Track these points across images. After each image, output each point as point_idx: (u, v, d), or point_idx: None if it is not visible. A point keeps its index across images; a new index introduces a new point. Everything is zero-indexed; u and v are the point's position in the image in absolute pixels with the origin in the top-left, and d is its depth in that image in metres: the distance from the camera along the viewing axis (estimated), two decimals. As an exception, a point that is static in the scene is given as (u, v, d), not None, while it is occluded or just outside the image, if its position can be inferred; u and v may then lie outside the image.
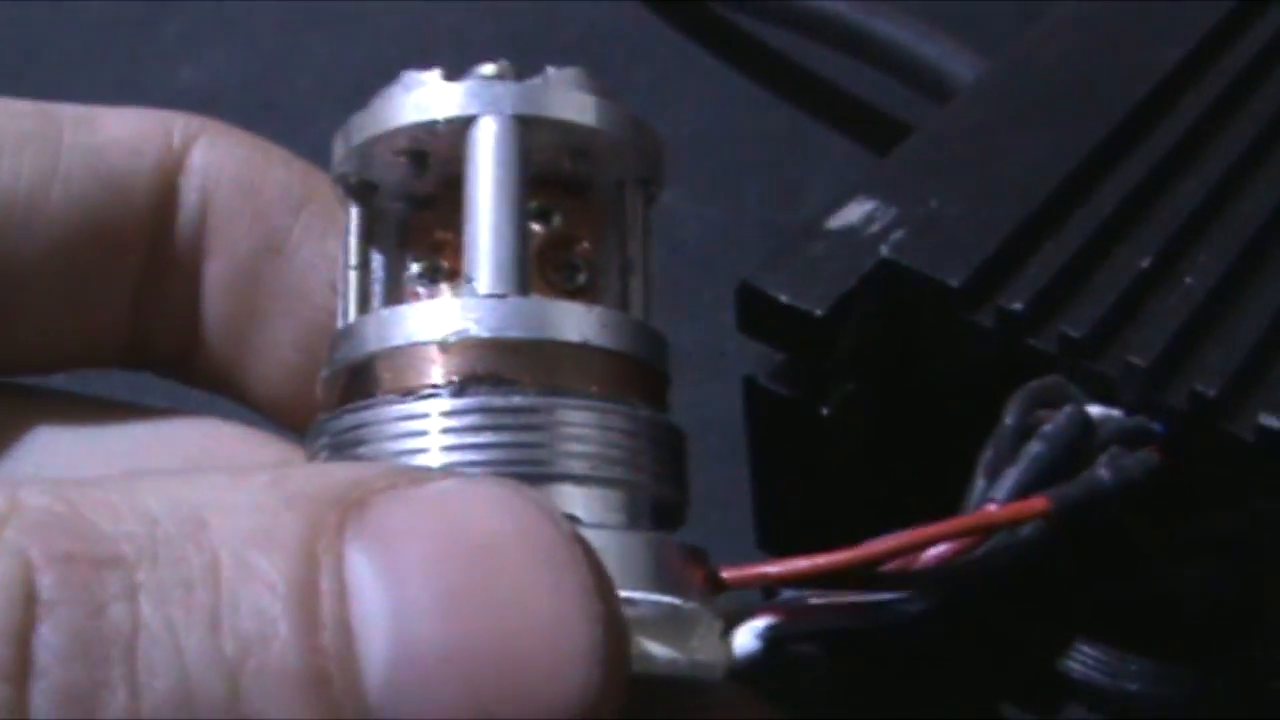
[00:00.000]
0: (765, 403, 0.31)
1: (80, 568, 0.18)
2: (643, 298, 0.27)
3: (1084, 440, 0.28)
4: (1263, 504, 0.28)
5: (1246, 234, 0.30)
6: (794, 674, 0.29)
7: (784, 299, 0.29)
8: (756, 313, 0.30)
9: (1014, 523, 0.26)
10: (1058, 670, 0.34)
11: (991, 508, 0.27)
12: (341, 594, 0.19)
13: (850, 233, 0.30)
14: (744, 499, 0.34)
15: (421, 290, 0.27)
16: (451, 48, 0.55)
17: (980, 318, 0.29)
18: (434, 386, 0.24)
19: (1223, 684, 0.32)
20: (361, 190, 0.27)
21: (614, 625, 0.20)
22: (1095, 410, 0.28)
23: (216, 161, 0.28)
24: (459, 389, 0.24)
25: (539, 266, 0.27)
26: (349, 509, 0.20)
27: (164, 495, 0.19)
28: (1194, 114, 0.33)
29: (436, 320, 0.24)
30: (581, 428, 0.24)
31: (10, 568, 0.18)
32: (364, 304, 0.27)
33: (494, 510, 0.20)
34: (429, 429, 0.23)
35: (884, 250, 0.30)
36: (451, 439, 0.23)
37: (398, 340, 0.24)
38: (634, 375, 0.25)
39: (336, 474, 0.21)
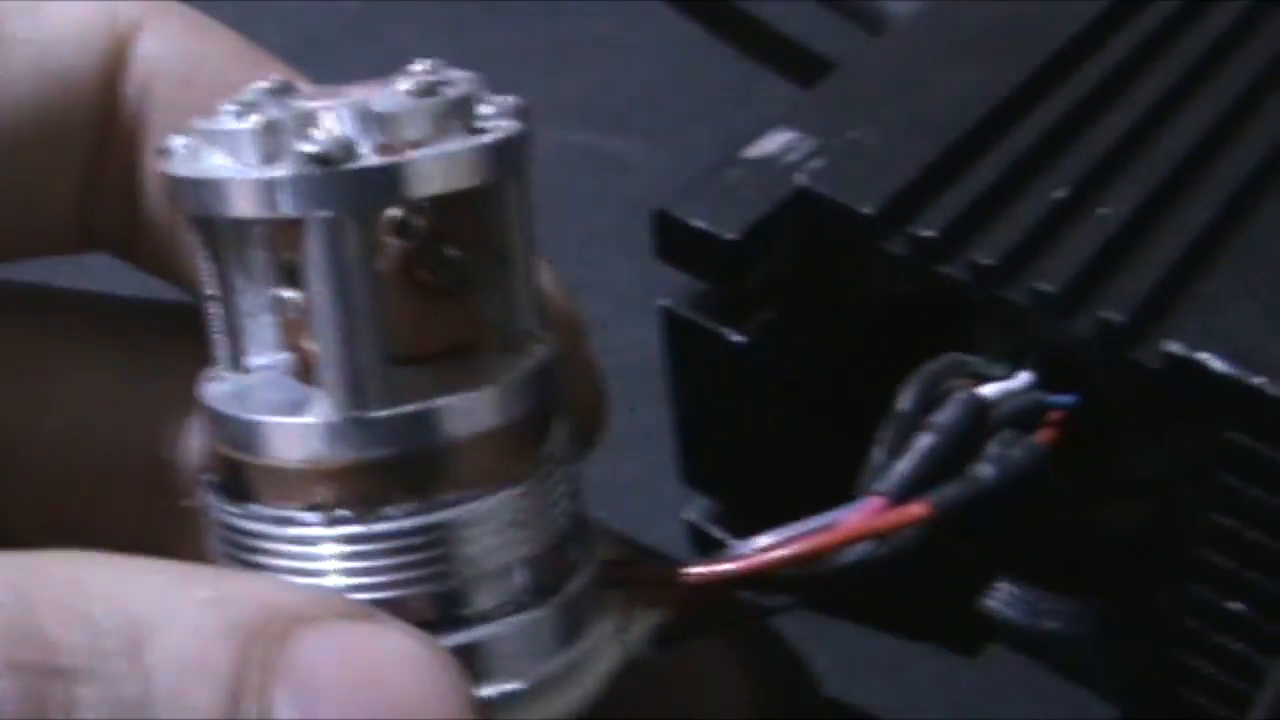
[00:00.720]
0: (682, 332, 0.31)
1: (29, 677, 0.19)
2: (526, 284, 0.25)
3: (976, 426, 0.28)
4: (1175, 437, 0.28)
5: (1162, 171, 0.30)
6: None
7: (698, 224, 0.29)
8: (673, 239, 0.30)
9: (895, 530, 0.27)
10: (976, 608, 0.34)
11: (877, 503, 0.27)
12: None
13: (768, 161, 0.30)
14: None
15: (281, 354, 0.25)
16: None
17: (893, 246, 0.29)
18: (311, 507, 0.23)
19: (1137, 623, 0.32)
20: (213, 225, 0.24)
21: None
22: (990, 390, 0.29)
23: (157, 52, 0.27)
24: (332, 514, 0.23)
25: (404, 272, 0.24)
26: (276, 642, 0.21)
27: (110, 605, 0.20)
28: (1117, 58, 0.33)
29: (301, 442, 0.23)
30: (468, 532, 0.23)
31: None
32: (232, 340, 0.25)
33: (406, 668, 0.22)
34: (321, 553, 0.23)
35: (800, 178, 0.30)
36: (341, 564, 0.23)
37: (267, 459, 0.23)
38: (513, 439, 0.24)
39: (266, 598, 0.22)
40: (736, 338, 0.30)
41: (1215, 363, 0.26)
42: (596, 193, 0.49)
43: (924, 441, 0.28)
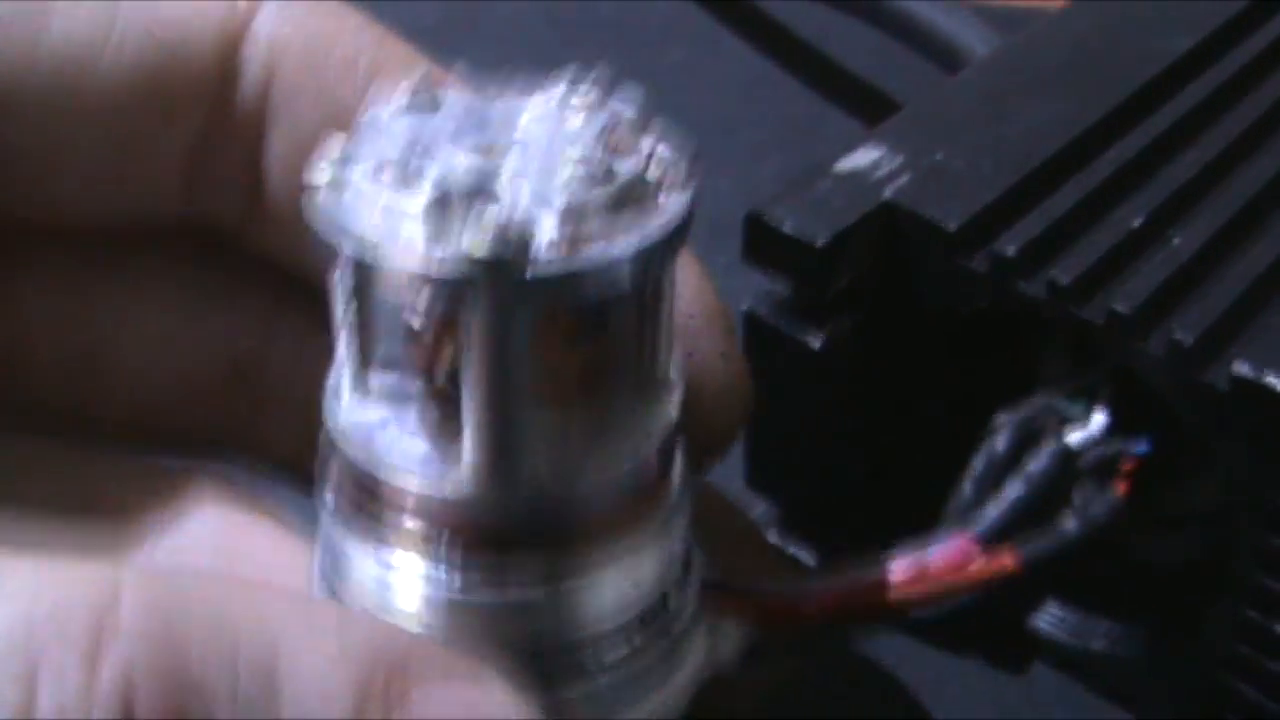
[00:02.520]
0: (761, 335, 0.32)
1: (174, 690, 0.20)
2: (667, 329, 0.24)
3: (1062, 475, 0.30)
4: (1237, 459, 0.29)
5: (1235, 205, 0.31)
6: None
7: (786, 229, 0.30)
8: (761, 242, 0.31)
9: (984, 582, 0.28)
10: (1025, 628, 0.35)
11: (965, 545, 0.28)
12: None
13: (857, 175, 0.32)
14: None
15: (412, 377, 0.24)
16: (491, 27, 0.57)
17: (973, 262, 0.30)
18: (430, 545, 0.23)
19: (1185, 647, 0.33)
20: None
21: None
22: (1075, 438, 0.30)
23: (282, 29, 0.27)
24: (460, 565, 0.23)
25: (550, 317, 0.23)
26: (398, 694, 0.22)
27: (252, 643, 0.21)
28: (1196, 99, 0.34)
29: (439, 482, 0.23)
30: (590, 595, 0.24)
31: (116, 679, 0.20)
32: (361, 353, 0.24)
33: None
34: (429, 604, 0.23)
35: (887, 192, 0.31)
36: (452, 619, 0.23)
37: (396, 482, 0.23)
38: (642, 493, 0.24)
39: (383, 642, 0.22)
40: (815, 342, 0.31)
41: (1281, 385, 0.28)
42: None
43: (1016, 490, 0.29)
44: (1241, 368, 0.28)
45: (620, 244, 0.21)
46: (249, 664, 0.21)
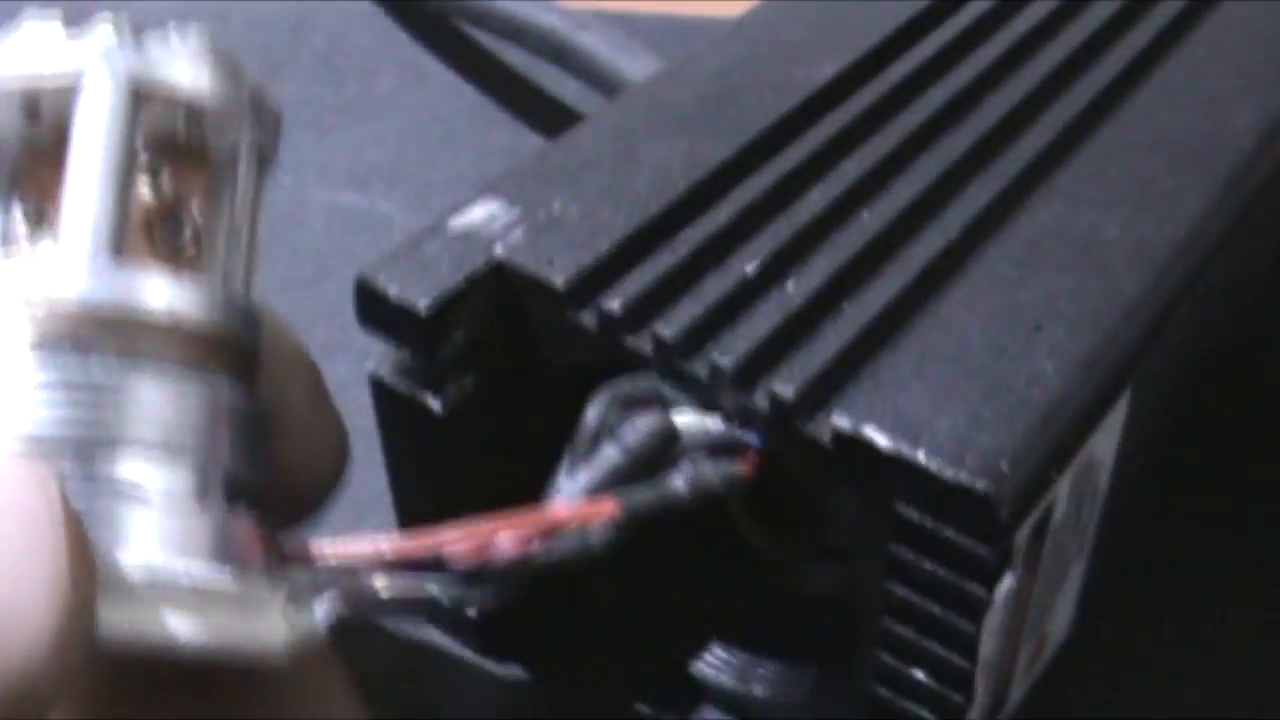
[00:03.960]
0: (387, 399, 0.31)
1: None
2: (244, 269, 0.28)
3: (663, 448, 0.28)
4: (852, 509, 0.29)
5: (854, 248, 0.31)
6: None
7: (391, 294, 0.30)
8: (371, 307, 0.30)
9: (579, 521, 0.27)
10: (690, 673, 0.35)
11: (561, 504, 0.27)
12: None
13: (469, 232, 0.31)
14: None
15: (23, 235, 0.27)
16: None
17: (583, 317, 0.30)
18: (20, 345, 0.25)
19: (841, 687, 0.33)
20: None
21: (79, 591, 0.20)
22: (685, 419, 0.29)
23: None
24: (42, 352, 0.25)
25: (144, 232, 0.27)
26: None
27: None
28: (829, 132, 0.34)
29: (26, 279, 0.25)
30: (154, 397, 0.25)
31: None
32: None
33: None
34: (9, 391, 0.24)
35: (498, 249, 0.30)
36: (29, 402, 0.24)
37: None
38: (218, 349, 0.26)
39: None
40: (435, 405, 0.31)
41: (880, 438, 0.27)
42: (367, 253, 0.50)
43: (608, 451, 0.28)
44: (841, 420, 0.27)
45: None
46: None
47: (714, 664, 0.34)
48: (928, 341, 0.29)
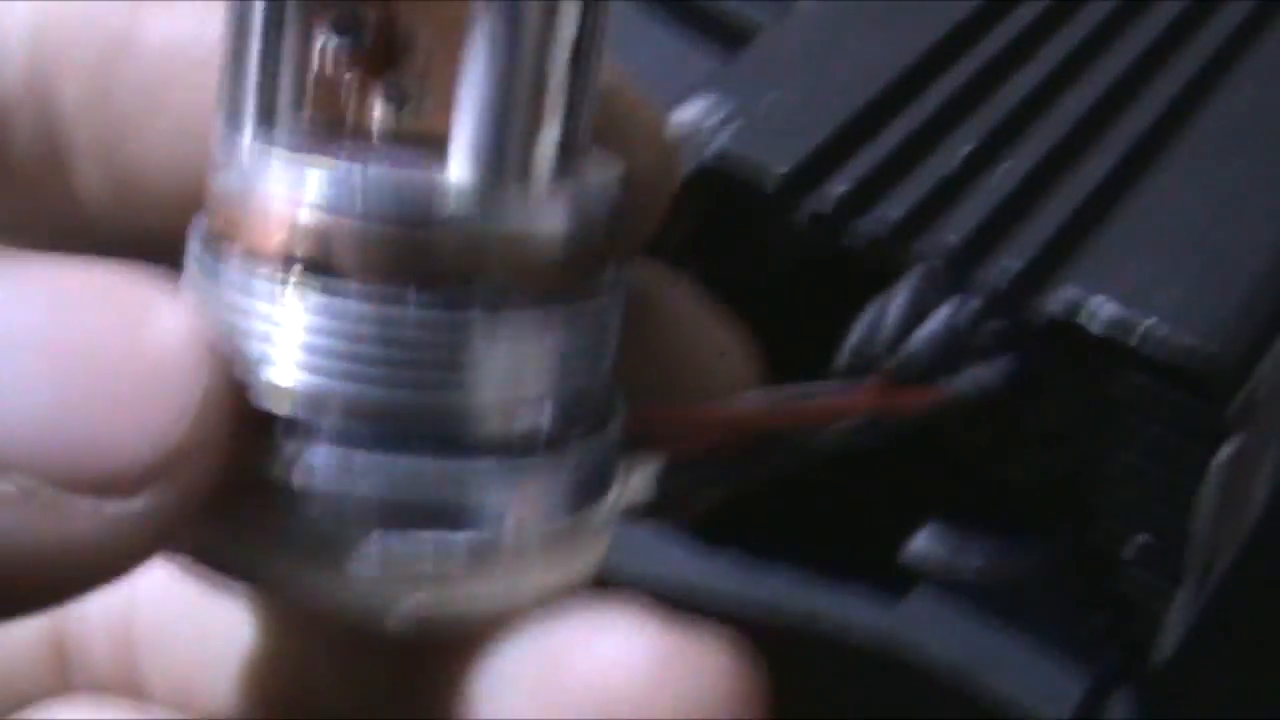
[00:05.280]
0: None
1: None
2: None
3: (968, 333, 0.29)
4: (1077, 379, 0.30)
5: (1063, 127, 0.32)
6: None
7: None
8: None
9: (914, 409, 0.28)
10: (905, 549, 0.35)
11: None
12: None
13: (684, 127, 0.32)
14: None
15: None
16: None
17: (806, 206, 0.30)
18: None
19: (1059, 557, 0.33)
20: None
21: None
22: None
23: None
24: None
25: (357, 88, 0.21)
26: None
27: None
28: (1025, 21, 0.34)
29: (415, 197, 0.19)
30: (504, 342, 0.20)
31: None
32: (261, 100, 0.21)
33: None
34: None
35: (715, 143, 0.31)
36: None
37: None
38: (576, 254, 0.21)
39: None
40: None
41: (1111, 306, 0.28)
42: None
43: (931, 328, 0.28)
44: (1070, 292, 0.28)
45: None
46: None
47: (927, 540, 0.35)
48: (1144, 216, 0.30)
